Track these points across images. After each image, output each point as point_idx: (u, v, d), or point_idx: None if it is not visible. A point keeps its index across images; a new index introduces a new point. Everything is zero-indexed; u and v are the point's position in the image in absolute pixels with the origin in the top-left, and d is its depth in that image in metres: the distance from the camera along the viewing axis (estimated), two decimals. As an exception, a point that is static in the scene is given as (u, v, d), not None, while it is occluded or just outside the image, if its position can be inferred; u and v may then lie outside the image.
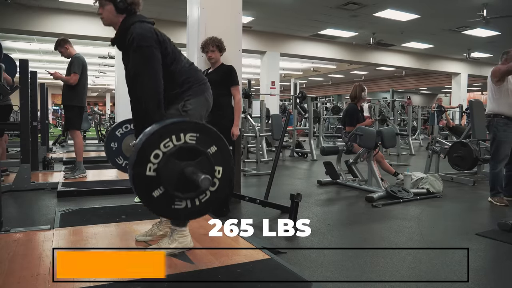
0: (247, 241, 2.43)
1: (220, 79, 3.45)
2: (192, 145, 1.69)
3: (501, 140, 3.94)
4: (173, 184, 1.66)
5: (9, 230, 2.65)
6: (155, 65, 2.08)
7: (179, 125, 1.70)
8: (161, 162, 1.65)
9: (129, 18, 2.18)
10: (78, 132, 4.85)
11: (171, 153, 1.65)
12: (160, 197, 1.66)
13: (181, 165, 1.67)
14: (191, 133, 1.69)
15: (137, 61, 2.09)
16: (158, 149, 1.64)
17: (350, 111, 5.04)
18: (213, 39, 3.48)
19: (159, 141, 1.65)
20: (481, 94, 25.30)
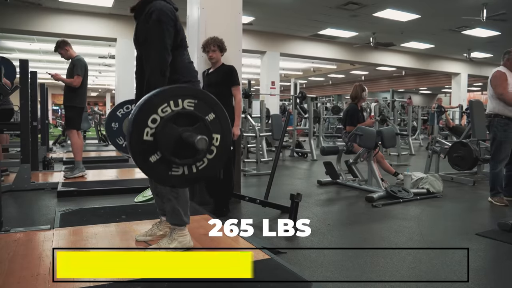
0: (247, 241, 2.43)
1: (221, 79, 3.46)
2: (189, 111, 1.69)
3: (501, 140, 3.94)
4: (170, 149, 1.66)
5: (9, 230, 2.65)
6: (166, 41, 2.13)
7: (177, 91, 1.72)
8: (158, 126, 1.64)
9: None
10: (75, 131, 4.85)
11: (168, 118, 1.65)
12: (157, 162, 1.65)
13: (178, 130, 1.67)
14: (189, 99, 1.70)
15: (152, 32, 2.14)
16: (156, 113, 1.64)
17: (351, 111, 5.04)
18: (214, 39, 3.48)
19: (157, 105, 1.65)
20: (481, 94, 25.30)
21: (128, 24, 9.49)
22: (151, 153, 1.64)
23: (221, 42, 3.51)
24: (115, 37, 9.51)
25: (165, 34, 2.13)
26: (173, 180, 1.70)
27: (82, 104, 4.84)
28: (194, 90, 1.76)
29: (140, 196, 3.73)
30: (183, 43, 2.28)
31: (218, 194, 3.54)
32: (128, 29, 9.49)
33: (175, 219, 2.19)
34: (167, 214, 2.24)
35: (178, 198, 2.18)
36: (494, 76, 3.99)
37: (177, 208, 2.17)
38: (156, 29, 2.12)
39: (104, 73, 20.09)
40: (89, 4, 8.54)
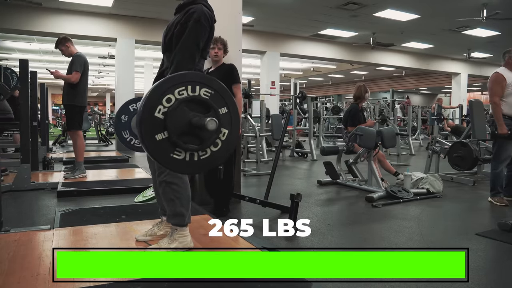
0: (247, 241, 2.43)
1: (222, 78, 3.45)
2: (204, 99, 1.71)
3: (503, 141, 3.93)
4: (178, 131, 1.67)
5: (9, 230, 2.65)
6: (199, 41, 2.17)
7: (197, 78, 1.74)
8: (171, 106, 1.66)
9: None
10: (80, 132, 4.83)
11: (183, 100, 1.67)
12: (162, 141, 1.66)
13: (189, 114, 1.69)
14: (207, 89, 1.72)
15: (189, 30, 2.17)
16: (172, 94, 1.66)
17: (353, 111, 5.04)
18: (222, 38, 3.52)
19: (175, 87, 1.67)
20: (481, 94, 25.31)
21: (128, 24, 9.50)
22: (158, 131, 1.66)
23: (226, 43, 3.57)
24: (115, 37, 9.51)
25: (200, 35, 2.17)
26: (172, 163, 1.71)
27: (83, 103, 4.80)
28: (213, 81, 1.78)
29: (140, 196, 3.73)
30: (206, 52, 2.32)
31: (218, 194, 3.54)
32: (128, 29, 9.50)
33: (176, 219, 2.19)
34: (168, 214, 2.24)
35: (180, 198, 2.18)
36: (490, 80, 4.01)
37: (179, 209, 2.17)
38: (193, 27, 2.16)
39: (104, 73, 20.09)
40: (89, 4, 8.53)
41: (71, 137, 4.92)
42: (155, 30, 9.57)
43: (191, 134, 1.70)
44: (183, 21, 2.19)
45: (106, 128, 14.59)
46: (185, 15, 2.20)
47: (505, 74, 3.93)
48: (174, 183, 2.17)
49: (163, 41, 2.33)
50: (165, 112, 1.65)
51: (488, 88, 4.05)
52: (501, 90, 3.91)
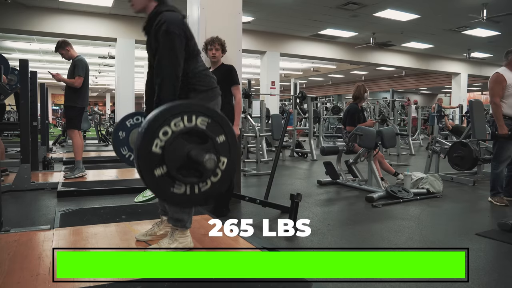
0: (247, 241, 2.43)
1: (220, 79, 3.45)
2: (202, 129, 1.68)
3: (504, 141, 3.93)
4: (177, 165, 1.64)
5: (9, 230, 2.65)
6: (178, 53, 2.09)
7: (193, 107, 1.70)
8: (168, 140, 1.63)
9: (162, 6, 2.20)
10: (77, 131, 4.85)
11: (180, 133, 1.64)
12: (161, 176, 1.64)
13: (187, 146, 1.66)
14: (203, 117, 1.68)
15: (162, 45, 2.10)
16: (168, 126, 1.63)
17: (352, 110, 5.04)
18: (219, 38, 3.50)
19: (170, 118, 1.63)
20: (481, 94, 25.30)
21: (128, 24, 9.50)
22: (157, 166, 1.63)
23: (224, 43, 3.54)
24: (115, 37, 9.52)
25: (176, 46, 2.09)
26: (173, 198, 1.68)
27: (83, 104, 4.85)
28: (209, 109, 1.74)
29: (140, 196, 3.72)
30: (195, 51, 2.25)
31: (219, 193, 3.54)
32: (128, 29, 9.50)
33: (177, 223, 2.19)
34: (169, 217, 2.23)
35: None
36: (491, 80, 4.01)
37: (180, 215, 2.17)
38: (166, 41, 2.08)
39: (104, 73, 20.08)
40: (89, 4, 8.54)
41: (69, 136, 4.95)
42: (155, 30, 9.56)
43: (191, 166, 1.67)
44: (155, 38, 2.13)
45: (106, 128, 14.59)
46: (154, 31, 2.13)
47: (506, 74, 3.93)
48: None
49: (151, 58, 2.27)
50: (162, 146, 1.63)
51: (488, 88, 4.06)
52: (502, 91, 3.91)
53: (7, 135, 11.17)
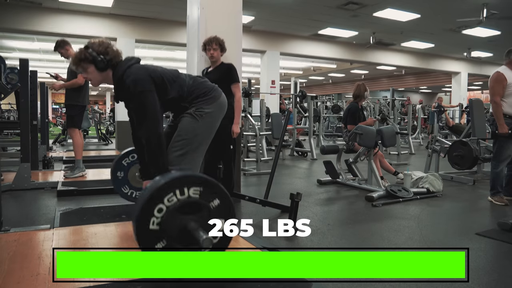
0: (247, 241, 2.43)
1: (220, 78, 3.46)
2: (195, 199, 1.72)
3: (504, 140, 3.93)
4: (176, 238, 1.70)
5: (9, 230, 2.65)
6: (152, 107, 2.14)
7: (184, 180, 1.73)
8: (164, 216, 1.67)
9: (117, 70, 2.21)
10: (77, 130, 4.85)
11: (174, 208, 1.68)
12: (163, 249, 1.69)
13: (184, 219, 1.71)
14: (195, 187, 1.72)
15: (136, 107, 2.17)
16: (162, 203, 1.67)
17: (352, 109, 5.04)
18: (217, 38, 3.49)
19: (163, 195, 1.67)
20: (481, 93, 25.30)
21: (128, 24, 9.49)
22: (157, 241, 1.68)
23: (223, 42, 3.52)
24: (115, 37, 9.50)
25: (146, 102, 2.12)
26: None
27: (84, 102, 4.85)
28: (199, 178, 1.77)
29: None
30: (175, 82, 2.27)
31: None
32: (128, 29, 9.49)
33: None
34: None
35: None
36: (491, 79, 4.01)
37: None
38: (137, 103, 2.14)
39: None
40: (89, 4, 8.52)
41: (70, 134, 4.95)
42: (155, 30, 9.57)
43: (189, 234, 1.71)
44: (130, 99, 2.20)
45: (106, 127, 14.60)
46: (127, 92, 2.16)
47: (506, 73, 3.93)
48: None
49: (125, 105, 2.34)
50: (159, 223, 1.67)
51: (489, 87, 4.06)
52: (502, 90, 3.91)
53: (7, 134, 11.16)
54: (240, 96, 3.56)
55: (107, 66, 2.20)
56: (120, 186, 3.16)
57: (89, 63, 2.18)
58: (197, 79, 2.38)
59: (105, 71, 2.21)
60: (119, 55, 2.24)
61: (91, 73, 2.22)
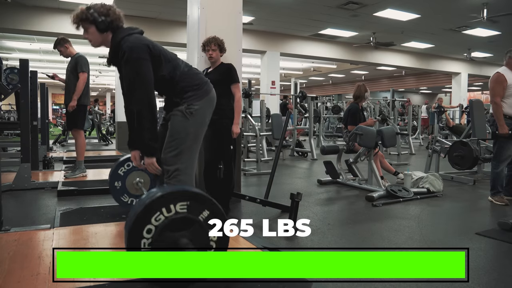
0: (247, 241, 2.43)
1: (220, 78, 3.46)
2: (183, 215, 1.69)
3: (504, 141, 3.93)
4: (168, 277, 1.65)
5: (9, 230, 2.65)
6: (146, 76, 2.10)
7: (169, 196, 1.69)
8: (154, 236, 1.65)
9: (117, 34, 2.19)
10: (82, 131, 4.85)
11: (163, 226, 1.66)
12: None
13: (174, 236, 1.68)
14: (181, 202, 1.69)
15: (129, 74, 2.12)
16: (150, 224, 1.64)
17: (353, 110, 5.04)
18: (215, 38, 3.48)
19: (150, 215, 1.65)
20: (481, 94, 25.29)
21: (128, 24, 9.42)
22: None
23: (222, 43, 3.51)
24: (115, 36, 9.51)
25: (140, 70, 2.09)
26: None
27: (86, 102, 4.83)
28: (185, 192, 1.74)
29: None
30: (171, 62, 2.25)
31: (218, 193, 3.54)
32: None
33: None
34: None
35: None
36: (492, 80, 4.02)
37: None
38: (130, 70, 2.10)
39: (104, 73, 20.08)
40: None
41: (74, 136, 4.93)
42: (155, 30, 9.55)
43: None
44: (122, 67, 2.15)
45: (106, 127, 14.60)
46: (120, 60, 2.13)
47: (506, 74, 3.93)
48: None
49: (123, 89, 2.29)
50: (150, 243, 1.66)
51: (489, 88, 4.06)
52: (502, 91, 3.91)
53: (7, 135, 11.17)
54: (240, 97, 3.55)
55: (108, 28, 2.18)
56: (119, 196, 3.14)
57: (90, 24, 2.17)
58: (192, 69, 2.36)
59: (105, 33, 2.20)
60: (120, 18, 2.23)
61: (91, 34, 2.21)
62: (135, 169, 3.13)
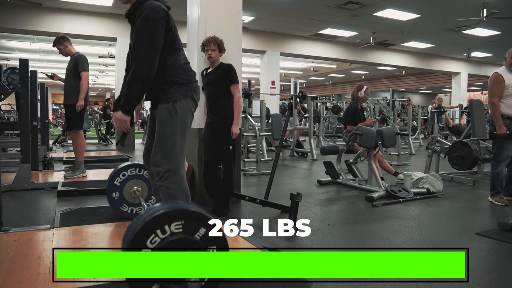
0: (247, 241, 2.44)
1: (220, 78, 3.46)
2: (179, 236, 1.64)
3: (503, 141, 3.93)
4: (168, 279, 1.63)
5: (9, 230, 2.65)
6: (156, 39, 2.09)
7: (162, 217, 1.64)
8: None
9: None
10: (81, 132, 4.85)
11: (160, 249, 1.62)
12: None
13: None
14: (176, 222, 1.65)
15: (141, 30, 2.10)
16: (146, 247, 1.61)
17: (352, 110, 5.05)
18: (215, 38, 3.48)
19: (145, 238, 1.61)
20: (481, 94, 25.31)
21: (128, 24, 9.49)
22: (149, 286, 1.63)
23: (221, 42, 3.50)
24: (115, 36, 9.51)
25: (154, 32, 2.08)
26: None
27: (85, 102, 4.82)
28: (178, 211, 1.69)
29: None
30: (177, 44, 2.24)
31: (218, 194, 3.54)
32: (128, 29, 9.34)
33: None
34: None
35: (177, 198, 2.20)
36: (490, 80, 4.03)
37: None
38: (145, 26, 2.08)
39: (104, 73, 20.08)
40: (89, 4, 8.53)
41: (72, 137, 4.93)
42: (155, 29, 9.55)
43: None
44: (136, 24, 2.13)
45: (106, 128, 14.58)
46: (138, 17, 2.12)
47: (505, 75, 3.93)
48: (171, 188, 2.17)
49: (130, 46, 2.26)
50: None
51: (487, 88, 4.06)
52: (500, 91, 3.92)
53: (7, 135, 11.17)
54: (239, 97, 3.54)
55: None
56: (118, 206, 3.10)
57: None
58: (189, 66, 2.35)
59: None
60: None
61: None
62: (131, 178, 3.09)
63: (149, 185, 3.11)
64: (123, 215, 3.07)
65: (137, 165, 3.13)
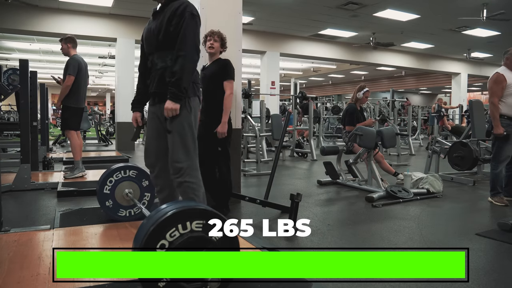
0: (247, 241, 2.43)
1: (216, 73, 3.37)
2: (198, 235, 1.66)
3: (502, 141, 3.94)
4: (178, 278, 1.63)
5: (9, 230, 2.65)
6: (196, 38, 2.26)
7: (185, 213, 1.67)
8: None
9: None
10: (73, 132, 4.85)
11: (177, 245, 1.63)
12: (166, 287, 1.63)
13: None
14: (198, 221, 1.67)
15: (190, 23, 2.22)
16: (164, 239, 1.62)
17: (350, 110, 5.05)
18: (220, 32, 3.44)
19: (165, 230, 1.62)
20: (481, 94, 25.31)
21: (128, 24, 9.49)
22: (159, 280, 1.62)
23: (225, 38, 3.46)
24: (115, 37, 9.51)
25: (198, 30, 2.26)
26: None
27: (79, 104, 4.81)
28: (202, 211, 1.71)
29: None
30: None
31: (218, 194, 3.53)
32: (128, 29, 9.49)
33: None
34: None
35: (198, 196, 2.34)
36: (491, 80, 4.02)
37: None
38: (191, 23, 2.22)
39: (104, 73, 20.08)
40: (89, 4, 8.53)
41: (67, 136, 4.96)
42: (155, 30, 9.55)
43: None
44: (177, 17, 2.21)
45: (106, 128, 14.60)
46: (176, 11, 2.22)
47: (506, 74, 3.93)
48: (193, 183, 2.29)
49: (155, 39, 2.31)
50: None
51: (488, 88, 4.07)
52: (501, 91, 3.91)
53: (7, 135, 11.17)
54: (229, 94, 3.36)
55: None
56: (115, 213, 3.04)
57: None
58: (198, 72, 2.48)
59: None
60: None
61: None
62: (118, 182, 3.01)
63: (139, 185, 3.04)
64: (123, 219, 3.04)
65: (121, 167, 3.04)
